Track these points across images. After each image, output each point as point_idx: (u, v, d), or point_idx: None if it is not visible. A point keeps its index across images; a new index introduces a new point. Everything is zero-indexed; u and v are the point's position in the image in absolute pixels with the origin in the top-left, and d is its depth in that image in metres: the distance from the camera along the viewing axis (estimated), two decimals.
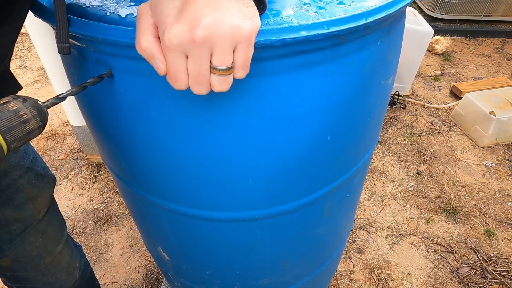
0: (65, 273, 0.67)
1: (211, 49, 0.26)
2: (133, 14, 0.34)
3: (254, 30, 0.26)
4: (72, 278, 0.69)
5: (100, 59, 0.37)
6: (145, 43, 0.27)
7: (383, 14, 0.33)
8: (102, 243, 1.30)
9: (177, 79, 0.28)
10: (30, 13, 0.39)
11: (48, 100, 0.32)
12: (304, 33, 0.30)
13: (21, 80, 2.22)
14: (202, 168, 0.42)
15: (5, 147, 0.27)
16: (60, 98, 0.32)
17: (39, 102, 0.30)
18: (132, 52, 0.33)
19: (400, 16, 0.42)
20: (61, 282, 0.67)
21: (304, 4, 0.35)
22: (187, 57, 0.27)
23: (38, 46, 1.14)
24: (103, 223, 1.37)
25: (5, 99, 0.29)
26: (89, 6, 0.37)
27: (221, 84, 0.28)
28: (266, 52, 0.32)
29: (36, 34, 1.10)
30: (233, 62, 0.27)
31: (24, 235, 0.55)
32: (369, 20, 0.32)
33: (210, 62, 0.27)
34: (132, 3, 0.36)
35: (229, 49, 0.26)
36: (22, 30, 2.73)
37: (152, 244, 0.74)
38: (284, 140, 0.40)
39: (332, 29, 0.31)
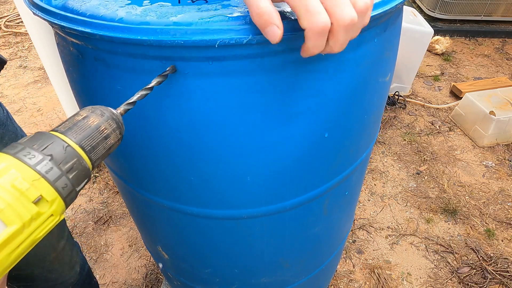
0: (68, 268, 0.68)
1: None
2: (131, 12, 0.35)
3: None
4: (73, 273, 0.70)
5: (99, 56, 0.37)
6: (265, 5, 0.26)
7: (379, 11, 0.33)
8: (102, 243, 1.31)
9: (319, 14, 0.26)
10: (29, 12, 0.39)
11: (120, 108, 0.30)
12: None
13: (21, 80, 2.23)
14: (200, 166, 0.42)
15: (90, 167, 0.26)
16: (130, 104, 0.31)
17: (115, 112, 0.29)
18: (130, 49, 0.34)
19: (397, 13, 0.42)
20: (63, 278, 0.68)
21: None
22: None
23: (38, 46, 1.14)
24: (103, 223, 1.37)
25: (83, 113, 0.27)
26: (87, 4, 0.37)
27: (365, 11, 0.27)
28: (262, 48, 0.32)
29: (36, 34, 1.10)
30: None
31: None
32: None
33: None
34: (129, 1, 0.37)
35: None
36: (22, 30, 2.74)
37: (152, 243, 0.74)
38: (282, 137, 0.40)
39: None
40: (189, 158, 0.41)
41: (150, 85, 0.32)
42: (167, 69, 0.33)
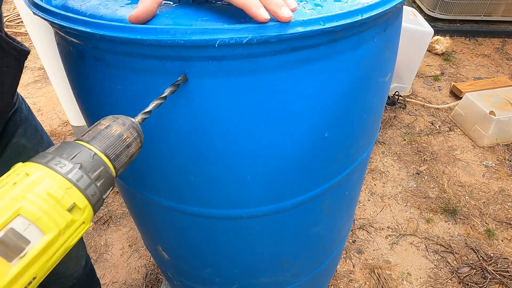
0: (74, 262, 0.69)
1: None
2: (131, 11, 0.35)
3: None
4: (78, 267, 0.71)
5: (99, 56, 0.37)
6: None
7: (379, 10, 0.33)
8: (102, 243, 1.31)
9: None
10: (30, 12, 0.39)
11: (138, 117, 0.31)
12: (300, 29, 0.30)
13: (21, 80, 2.23)
14: (200, 166, 0.42)
15: (114, 175, 0.26)
16: (147, 113, 0.32)
17: (135, 121, 0.29)
18: (130, 49, 0.34)
19: (397, 13, 0.42)
20: (69, 272, 0.69)
21: (301, 1, 0.36)
22: None
23: (38, 46, 1.14)
24: (103, 223, 1.37)
25: (105, 123, 0.27)
26: (87, 4, 0.37)
27: None
28: (262, 48, 0.32)
29: (36, 34, 1.10)
30: None
31: None
32: (365, 16, 0.32)
33: None
34: (129, 1, 0.37)
35: None
36: (22, 30, 2.74)
37: (152, 243, 0.74)
38: (282, 137, 0.40)
39: (328, 25, 0.31)
40: (188, 157, 0.41)
41: (164, 95, 0.33)
42: (179, 78, 0.33)
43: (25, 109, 0.53)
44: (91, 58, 0.38)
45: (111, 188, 0.26)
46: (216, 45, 0.30)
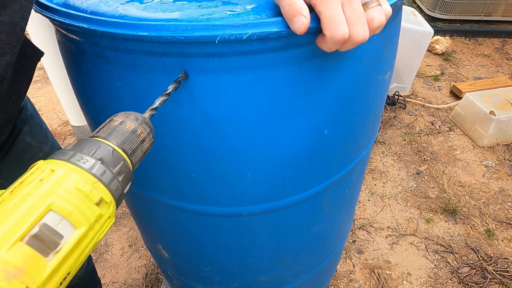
0: None
1: None
2: (132, 8, 0.35)
3: None
4: (81, 266, 0.71)
5: (99, 53, 0.37)
6: None
7: None
8: (102, 243, 1.31)
9: (340, 25, 0.29)
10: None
11: (146, 113, 0.31)
12: None
13: None
14: (200, 162, 0.42)
15: (132, 170, 0.27)
16: (154, 109, 0.32)
17: (146, 117, 0.29)
18: (130, 46, 0.34)
19: (396, 11, 0.42)
20: None
21: None
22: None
23: (37, 46, 1.14)
24: None
25: (118, 119, 0.27)
26: (88, 1, 0.37)
27: (380, 13, 0.30)
28: (262, 44, 0.32)
29: (36, 34, 1.11)
30: None
31: None
32: None
33: None
34: None
35: None
36: None
37: (152, 241, 0.74)
38: (281, 134, 0.40)
39: None
40: (189, 155, 0.42)
41: (168, 91, 0.33)
42: (180, 75, 0.34)
43: (30, 108, 0.54)
44: (91, 55, 0.38)
45: (130, 184, 0.26)
46: (217, 42, 0.30)
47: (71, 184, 0.22)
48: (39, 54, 0.43)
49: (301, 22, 0.28)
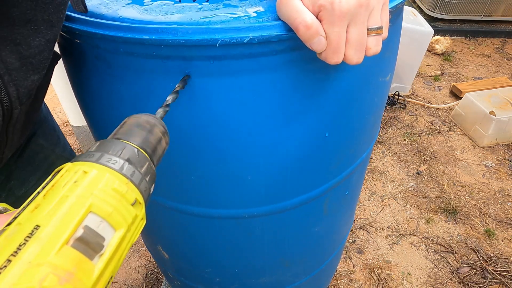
0: None
1: (370, 11, 0.28)
2: (132, 11, 0.35)
3: None
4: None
5: (100, 56, 0.37)
6: (311, 20, 0.28)
7: None
8: None
9: (340, 50, 0.29)
10: None
11: (159, 112, 0.31)
12: None
13: None
14: (201, 165, 0.42)
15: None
16: (166, 107, 0.32)
17: (158, 117, 0.29)
18: (131, 49, 0.34)
19: (397, 13, 0.42)
20: None
21: None
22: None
23: None
24: None
25: (132, 121, 0.27)
26: (88, 3, 0.37)
27: (378, 44, 0.30)
28: (263, 47, 0.32)
29: None
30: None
31: None
32: None
33: None
34: (130, 0, 0.37)
35: (380, 6, 0.28)
36: None
37: (152, 242, 0.74)
38: (282, 137, 0.40)
39: None
40: (189, 157, 0.41)
41: (176, 89, 0.33)
42: (184, 76, 0.34)
43: (45, 110, 0.54)
44: (92, 57, 0.38)
45: (154, 184, 0.25)
46: (217, 45, 0.30)
47: (107, 184, 0.21)
48: (57, 56, 0.44)
49: (319, 42, 0.28)
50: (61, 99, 1.34)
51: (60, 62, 0.43)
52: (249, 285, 0.70)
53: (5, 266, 0.16)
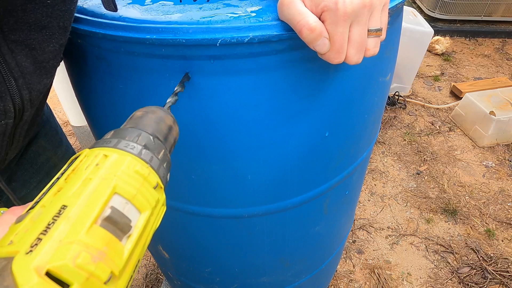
0: None
1: (372, 12, 0.28)
2: (133, 11, 0.35)
3: None
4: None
5: (100, 55, 0.37)
6: (315, 22, 0.28)
7: None
8: None
9: (343, 50, 0.29)
10: None
11: (167, 104, 0.31)
12: None
13: None
14: (201, 164, 0.42)
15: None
16: (175, 95, 0.32)
17: (165, 109, 0.29)
18: (131, 48, 0.34)
19: (397, 13, 0.42)
20: None
21: None
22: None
23: None
24: None
25: (141, 112, 0.27)
26: (89, 3, 0.37)
27: (376, 45, 0.30)
28: (263, 47, 0.32)
29: None
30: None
31: None
32: None
33: None
34: (130, 0, 0.37)
35: (381, 8, 0.29)
36: None
37: (152, 242, 0.74)
38: (282, 136, 0.40)
39: None
40: (190, 156, 0.42)
41: (176, 91, 0.33)
42: (183, 76, 0.34)
43: (47, 111, 0.54)
44: (92, 57, 0.38)
45: (169, 174, 0.25)
46: (218, 44, 0.30)
47: (129, 167, 0.20)
48: (61, 58, 0.44)
49: (323, 44, 0.29)
50: (61, 99, 1.34)
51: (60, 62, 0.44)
52: (249, 285, 0.70)
53: (36, 245, 0.16)
